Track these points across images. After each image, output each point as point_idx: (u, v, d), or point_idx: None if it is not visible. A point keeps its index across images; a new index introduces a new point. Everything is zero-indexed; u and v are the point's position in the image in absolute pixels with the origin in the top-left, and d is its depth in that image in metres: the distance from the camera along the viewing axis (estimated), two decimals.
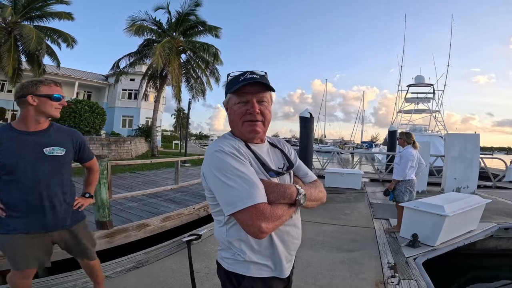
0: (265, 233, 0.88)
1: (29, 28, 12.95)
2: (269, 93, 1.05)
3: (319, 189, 1.13)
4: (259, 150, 1.07)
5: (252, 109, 0.99)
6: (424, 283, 2.67)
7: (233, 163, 0.93)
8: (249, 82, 0.97)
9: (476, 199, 4.20)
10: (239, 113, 1.02)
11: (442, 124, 23.90)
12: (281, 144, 1.21)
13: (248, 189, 0.88)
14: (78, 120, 14.39)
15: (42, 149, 1.64)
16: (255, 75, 1.00)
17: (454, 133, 11.56)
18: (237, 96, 1.01)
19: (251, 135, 1.04)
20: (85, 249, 1.90)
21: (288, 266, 1.07)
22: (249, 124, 1.01)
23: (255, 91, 1.00)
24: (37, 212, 1.63)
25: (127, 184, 7.86)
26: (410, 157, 4.09)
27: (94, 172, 2.05)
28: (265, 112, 1.03)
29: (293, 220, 1.06)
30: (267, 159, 1.07)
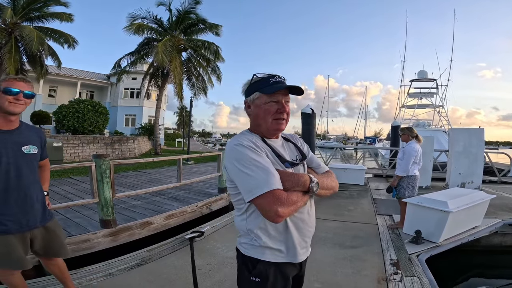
0: (281, 217, 0.98)
1: (30, 29, 12.98)
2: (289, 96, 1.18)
3: (331, 179, 1.22)
4: (275, 144, 1.18)
5: (283, 109, 1.13)
6: (427, 280, 2.65)
7: (251, 154, 1.04)
8: (284, 86, 1.11)
9: (480, 194, 4.15)
10: (270, 111, 1.13)
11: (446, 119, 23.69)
12: (294, 139, 1.31)
13: (265, 177, 1.00)
14: (81, 120, 14.47)
15: (20, 147, 1.67)
16: (283, 79, 1.16)
17: (459, 127, 11.45)
18: (268, 96, 1.12)
19: (277, 131, 1.18)
20: (62, 243, 1.94)
21: (302, 252, 1.17)
22: (277, 122, 1.14)
23: (285, 93, 1.14)
24: (22, 210, 1.66)
25: (130, 182, 7.90)
26: (413, 153, 4.05)
27: (48, 170, 2.07)
28: (289, 111, 1.17)
29: (307, 208, 1.16)
30: (282, 152, 1.18)
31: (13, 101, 1.61)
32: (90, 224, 4.01)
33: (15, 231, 1.65)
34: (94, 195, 3.72)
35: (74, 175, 8.53)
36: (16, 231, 1.65)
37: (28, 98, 1.68)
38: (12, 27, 13.24)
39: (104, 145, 14.42)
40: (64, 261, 2.05)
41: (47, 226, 1.83)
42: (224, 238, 3.69)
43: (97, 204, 3.81)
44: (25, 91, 1.65)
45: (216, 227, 4.10)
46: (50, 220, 1.87)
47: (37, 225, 1.76)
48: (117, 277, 2.62)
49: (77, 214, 4.50)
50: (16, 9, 13.41)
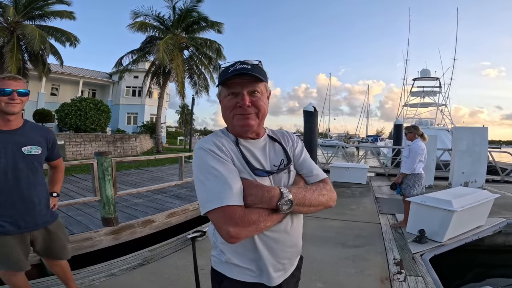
0: (235, 238, 0.81)
1: (32, 27, 12.99)
2: (263, 84, 0.96)
3: (321, 192, 0.97)
4: (252, 146, 1.00)
5: (242, 102, 0.92)
6: (431, 280, 2.63)
7: (210, 161, 0.89)
8: (236, 73, 0.90)
9: (484, 194, 4.12)
10: (229, 106, 0.95)
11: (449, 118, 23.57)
12: (284, 138, 1.10)
13: (219, 190, 0.84)
14: (83, 118, 14.48)
15: (20, 148, 1.64)
16: (246, 65, 0.92)
17: (462, 126, 11.38)
18: (227, 88, 0.94)
19: (244, 128, 0.96)
20: (63, 246, 1.92)
21: (278, 275, 0.97)
22: (241, 117, 0.93)
23: (245, 82, 0.92)
24: (20, 212, 1.65)
25: (132, 180, 7.91)
26: (419, 151, 4.02)
27: (60, 172, 2.03)
28: (258, 103, 0.94)
29: (283, 226, 0.94)
30: (261, 155, 0.99)
31: (8, 101, 1.58)
32: (92, 222, 4.01)
33: (13, 232, 1.63)
34: (96, 193, 3.72)
35: (76, 173, 8.55)
36: (14, 232, 1.64)
37: (23, 96, 1.64)
38: (14, 25, 13.26)
39: (106, 143, 14.45)
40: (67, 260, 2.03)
41: (49, 227, 1.81)
42: None
43: (99, 202, 3.80)
44: (18, 89, 1.61)
45: None
46: (53, 222, 1.84)
47: (38, 227, 1.75)
48: (119, 277, 2.61)
49: (79, 212, 4.50)
50: (18, 8, 13.42)
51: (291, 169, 1.02)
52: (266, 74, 0.99)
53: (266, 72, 0.99)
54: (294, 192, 0.89)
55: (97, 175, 3.70)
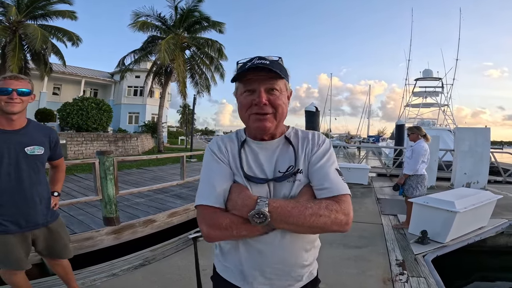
0: (208, 238, 0.84)
1: (34, 27, 13.05)
2: (283, 81, 0.89)
3: (317, 211, 0.79)
4: (261, 148, 0.93)
5: (258, 99, 0.84)
6: (433, 281, 2.62)
7: (208, 160, 0.93)
8: (254, 67, 0.83)
9: (487, 195, 4.10)
10: (244, 104, 0.88)
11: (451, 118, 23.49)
12: (304, 141, 0.95)
13: (203, 189, 0.88)
14: (85, 117, 14.53)
15: (24, 148, 1.63)
16: (265, 60, 0.85)
17: (464, 127, 11.34)
18: (243, 84, 0.88)
19: (259, 131, 0.89)
20: (65, 244, 1.92)
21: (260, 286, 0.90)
22: (256, 119, 0.86)
23: (263, 78, 0.85)
24: (21, 211, 1.65)
25: (133, 180, 7.92)
26: (422, 152, 4.00)
27: (61, 171, 2.02)
28: (276, 102, 0.86)
29: (270, 239, 0.85)
30: (266, 160, 0.91)
31: (8, 101, 1.56)
32: (94, 222, 4.01)
33: (14, 231, 1.63)
34: (98, 192, 3.72)
35: (77, 172, 8.57)
36: (16, 231, 1.64)
37: (23, 96, 1.61)
38: (16, 25, 13.31)
39: (108, 143, 14.49)
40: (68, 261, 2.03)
41: (50, 226, 1.81)
42: None
43: (100, 202, 3.80)
44: (19, 88, 1.59)
45: None
46: (54, 221, 1.85)
47: (39, 226, 1.75)
48: (121, 277, 2.60)
49: (80, 211, 4.51)
50: (20, 8, 13.47)
51: (297, 178, 0.89)
52: (287, 72, 0.92)
53: (287, 69, 0.92)
54: (274, 206, 0.78)
55: (99, 174, 3.71)
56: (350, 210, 0.84)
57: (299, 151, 0.92)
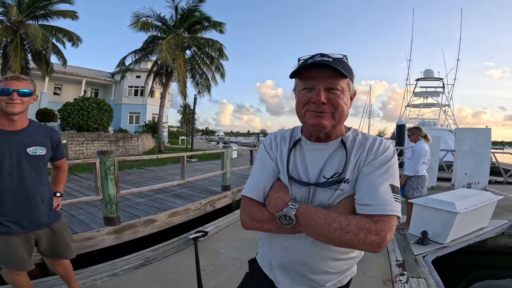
0: (245, 226, 0.93)
1: (35, 27, 13.08)
2: (346, 81, 0.84)
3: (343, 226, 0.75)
4: (312, 149, 0.91)
5: (316, 98, 0.81)
6: (433, 282, 2.62)
7: (261, 153, 0.99)
8: (314, 65, 0.81)
9: (487, 195, 4.10)
10: (302, 101, 0.85)
11: (452, 118, 23.44)
12: (360, 146, 0.87)
13: (250, 181, 0.96)
14: (86, 117, 14.55)
15: (25, 148, 1.64)
16: (327, 57, 0.82)
17: (465, 127, 11.32)
18: (302, 81, 0.85)
19: (315, 128, 0.85)
20: (67, 244, 1.92)
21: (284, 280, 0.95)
22: (313, 115, 0.83)
23: (324, 76, 0.81)
24: (24, 212, 1.65)
25: (134, 180, 7.93)
26: (423, 153, 4.00)
27: (64, 171, 2.02)
28: (336, 101, 0.82)
29: (296, 239, 0.87)
30: (313, 162, 0.89)
31: (9, 101, 1.56)
32: (94, 222, 4.02)
33: (17, 232, 1.64)
34: (98, 192, 3.73)
35: (78, 172, 8.58)
36: (18, 232, 1.64)
37: (24, 96, 1.61)
38: (17, 25, 13.34)
39: (109, 143, 14.51)
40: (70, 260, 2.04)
41: (53, 227, 1.82)
42: (228, 238, 3.67)
43: (101, 201, 3.81)
44: (19, 89, 1.58)
45: (220, 226, 4.08)
46: (56, 221, 1.85)
47: (41, 226, 1.75)
48: (122, 277, 2.61)
49: (81, 211, 4.52)
50: (21, 8, 13.50)
51: (340, 187, 0.84)
52: (352, 71, 0.88)
53: (352, 69, 0.88)
54: (302, 212, 0.80)
55: (100, 174, 3.71)
56: (387, 233, 0.76)
57: (351, 157, 0.85)
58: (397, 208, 0.79)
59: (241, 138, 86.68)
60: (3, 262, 1.70)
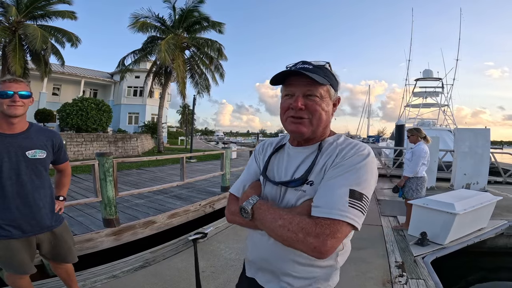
0: (226, 217, 1.00)
1: (33, 27, 13.05)
2: (325, 88, 0.86)
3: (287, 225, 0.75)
4: (290, 153, 0.95)
5: (294, 104, 0.85)
6: (433, 283, 2.62)
7: (251, 157, 1.10)
8: (293, 71, 0.85)
9: (487, 196, 4.10)
10: (283, 107, 0.90)
11: (451, 118, 23.46)
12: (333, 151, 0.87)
13: (238, 179, 1.06)
14: (85, 118, 14.51)
15: (25, 152, 1.62)
16: (308, 65, 0.85)
17: (464, 127, 11.34)
18: (285, 88, 0.90)
19: (294, 134, 0.91)
20: (69, 248, 1.91)
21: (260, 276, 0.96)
22: (292, 122, 0.87)
23: (302, 83, 0.84)
24: (24, 216, 1.64)
25: (133, 181, 7.92)
26: (422, 154, 3.99)
27: (67, 175, 2.00)
28: (313, 107, 0.84)
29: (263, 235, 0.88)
30: (289, 165, 0.93)
31: (11, 104, 1.55)
32: (93, 223, 4.01)
33: (17, 236, 1.63)
34: (97, 193, 3.72)
35: (77, 173, 8.57)
36: (19, 236, 1.63)
37: (25, 99, 1.61)
38: (16, 25, 13.30)
39: (108, 143, 14.48)
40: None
41: (55, 231, 1.80)
42: (228, 239, 3.67)
43: (100, 203, 3.81)
44: (20, 91, 1.58)
45: (219, 228, 4.08)
46: (59, 225, 1.83)
47: (43, 230, 1.74)
48: (121, 279, 2.60)
49: (80, 212, 4.51)
50: (20, 8, 13.46)
51: (302, 188, 0.86)
52: (336, 78, 0.90)
53: (335, 75, 0.91)
54: (257, 207, 0.85)
55: (98, 176, 3.71)
56: (328, 238, 0.71)
57: (319, 160, 0.86)
58: (349, 214, 0.73)
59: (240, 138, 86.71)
60: (5, 266, 1.69)
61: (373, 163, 0.83)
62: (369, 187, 0.80)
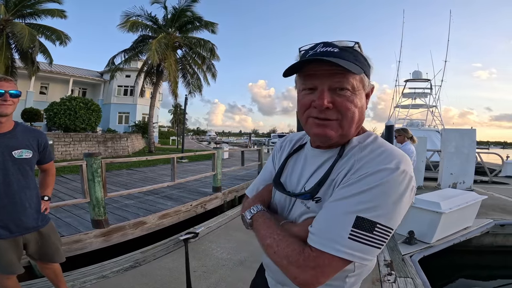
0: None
1: (21, 26, 12.77)
2: (359, 77, 0.67)
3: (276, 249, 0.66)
4: (310, 154, 0.80)
5: (318, 102, 0.66)
6: (421, 282, 2.68)
7: (271, 155, 0.98)
8: (313, 60, 0.65)
9: (472, 195, 4.21)
10: (303, 105, 0.70)
11: (439, 119, 23.96)
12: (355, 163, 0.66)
13: (255, 179, 0.99)
14: (73, 117, 14.23)
15: (11, 152, 1.61)
16: (332, 47, 0.66)
17: (451, 128, 11.59)
18: (303, 79, 0.70)
19: (317, 138, 0.72)
20: (57, 248, 1.90)
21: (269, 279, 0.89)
22: (315, 123, 0.69)
23: (327, 73, 0.65)
24: (11, 216, 1.62)
25: (123, 181, 7.81)
26: (409, 153, 4.08)
27: (52, 175, 1.98)
28: (344, 106, 0.66)
29: None
30: (304, 171, 0.78)
31: (2, 103, 1.55)
32: (81, 224, 3.95)
33: (4, 236, 1.61)
34: (85, 194, 3.66)
35: (65, 173, 8.41)
36: (7, 236, 1.62)
37: (15, 98, 1.61)
38: (4, 24, 12.99)
39: (97, 143, 14.22)
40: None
41: (42, 231, 1.79)
42: (219, 239, 3.67)
43: (88, 204, 3.75)
44: (10, 90, 1.58)
45: (210, 227, 4.07)
46: (45, 225, 1.82)
47: (30, 230, 1.72)
48: (111, 279, 2.58)
49: (68, 213, 4.43)
50: (8, 6, 13.18)
51: (307, 205, 0.72)
52: (368, 61, 0.71)
53: (368, 58, 0.71)
54: (256, 217, 0.77)
55: (86, 177, 3.65)
56: (311, 271, 0.60)
57: (333, 172, 0.69)
58: (345, 249, 0.59)
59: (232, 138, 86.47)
60: None
61: (403, 181, 0.61)
62: (390, 214, 0.60)
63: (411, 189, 0.63)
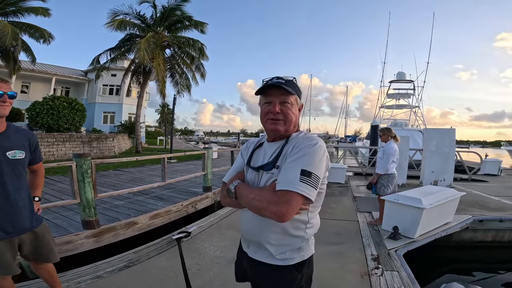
0: (221, 201, 1.29)
1: (4, 23, 12.33)
2: (294, 97, 1.14)
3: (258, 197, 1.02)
4: (267, 147, 1.21)
5: (273, 109, 1.11)
6: (406, 274, 2.82)
7: (238, 154, 1.35)
8: (271, 85, 1.10)
9: (451, 192, 4.43)
10: (263, 112, 1.15)
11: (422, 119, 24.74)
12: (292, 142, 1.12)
13: (228, 172, 1.30)
14: (56, 117, 13.84)
15: (5, 152, 1.62)
16: (282, 79, 1.12)
17: (432, 128, 12.03)
18: (264, 97, 1.16)
19: (273, 132, 1.15)
20: (51, 248, 1.92)
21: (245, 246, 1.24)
22: (271, 122, 1.13)
23: (278, 93, 1.11)
24: (7, 217, 1.64)
25: (110, 182, 7.71)
26: (392, 152, 4.26)
27: (41, 176, 1.99)
28: (286, 111, 1.11)
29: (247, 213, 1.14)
30: (265, 155, 1.18)
31: (1, 104, 1.57)
32: (71, 225, 3.91)
33: (1, 237, 1.62)
34: (75, 195, 3.64)
35: (49, 174, 8.21)
36: (3, 237, 1.62)
37: (11, 99, 1.63)
38: None
39: (81, 143, 13.91)
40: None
41: (36, 231, 1.80)
42: (212, 238, 3.73)
43: (79, 205, 3.72)
44: (8, 92, 1.60)
45: (202, 227, 4.12)
46: (39, 225, 1.83)
47: (25, 231, 1.73)
48: (106, 279, 2.59)
49: (56, 215, 4.37)
50: None
51: (271, 171, 1.11)
52: (300, 90, 1.18)
53: (299, 87, 1.18)
54: (238, 187, 1.12)
55: (76, 178, 3.62)
56: (284, 205, 0.96)
57: (283, 150, 1.12)
58: (300, 187, 0.97)
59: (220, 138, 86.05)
60: None
61: (320, 150, 1.06)
62: (317, 167, 1.02)
63: (326, 156, 1.10)
